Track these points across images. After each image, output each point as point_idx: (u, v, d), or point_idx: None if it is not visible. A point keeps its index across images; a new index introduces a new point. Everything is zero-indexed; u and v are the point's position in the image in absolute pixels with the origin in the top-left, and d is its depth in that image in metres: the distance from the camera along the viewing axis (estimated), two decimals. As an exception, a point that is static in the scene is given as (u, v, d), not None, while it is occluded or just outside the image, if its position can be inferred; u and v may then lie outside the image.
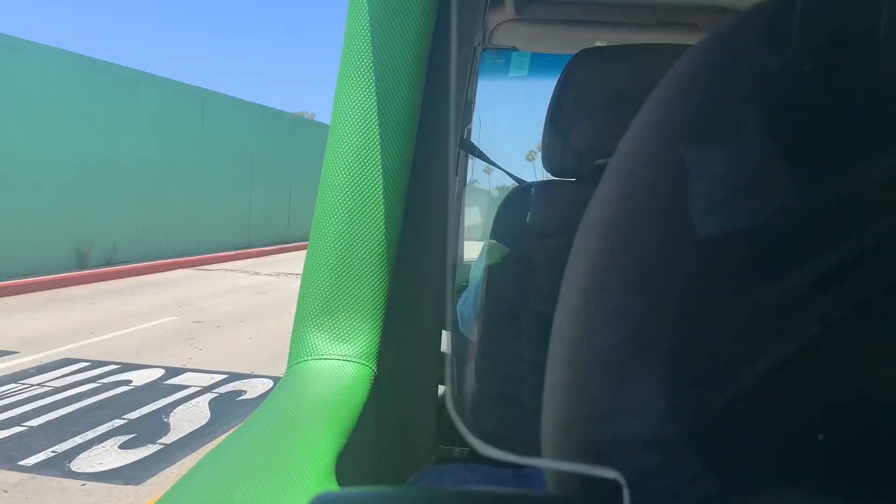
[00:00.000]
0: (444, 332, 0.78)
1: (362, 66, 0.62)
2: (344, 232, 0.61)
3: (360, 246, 0.61)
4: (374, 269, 0.61)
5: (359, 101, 0.62)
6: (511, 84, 1.78)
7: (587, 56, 1.05)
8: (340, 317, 0.60)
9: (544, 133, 1.07)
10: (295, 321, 0.62)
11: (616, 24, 1.34)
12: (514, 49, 1.58)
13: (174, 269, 10.53)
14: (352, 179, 0.61)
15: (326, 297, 0.60)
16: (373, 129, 0.62)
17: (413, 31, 0.62)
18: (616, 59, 1.06)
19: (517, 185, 1.18)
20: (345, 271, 0.60)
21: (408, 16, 0.61)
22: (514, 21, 1.37)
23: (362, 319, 0.60)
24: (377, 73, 0.61)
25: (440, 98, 0.66)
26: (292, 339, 0.61)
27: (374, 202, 0.61)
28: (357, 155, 0.62)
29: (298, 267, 3.64)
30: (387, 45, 0.62)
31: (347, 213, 0.61)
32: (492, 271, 1.05)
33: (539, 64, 1.82)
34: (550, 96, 1.04)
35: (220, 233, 13.13)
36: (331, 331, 0.60)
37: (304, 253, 0.65)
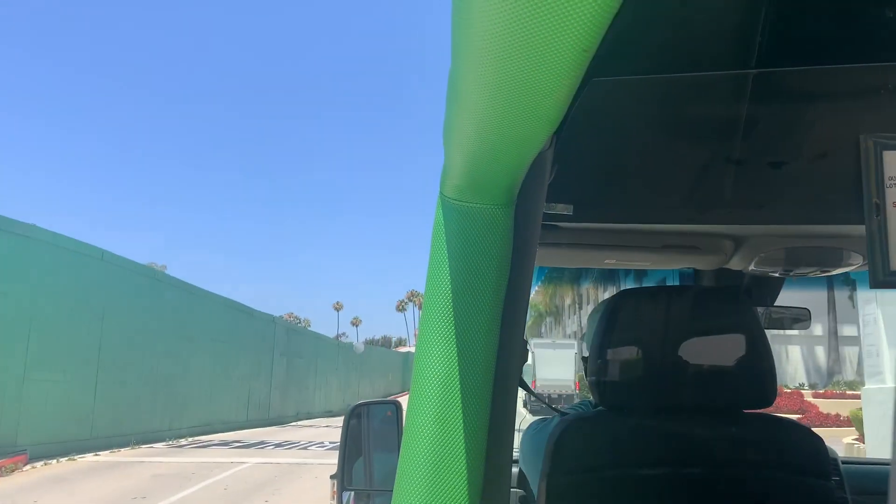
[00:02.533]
0: None
1: (444, 311, 0.70)
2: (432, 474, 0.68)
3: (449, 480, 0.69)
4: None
5: (441, 349, 0.70)
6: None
7: (625, 299, 1.35)
8: None
9: (590, 365, 1.25)
10: None
11: (624, 246, 1.45)
12: None
13: None
14: (435, 424, 0.69)
15: None
16: (454, 377, 0.69)
17: (490, 279, 0.70)
18: (651, 302, 1.33)
19: (563, 417, 1.27)
20: None
21: (488, 256, 0.70)
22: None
23: None
24: (457, 321, 0.70)
25: (505, 337, 0.73)
26: None
27: (458, 448, 0.69)
28: (441, 404, 0.69)
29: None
30: (468, 291, 0.70)
31: (433, 459, 0.69)
32: None
33: (542, 272, 2.16)
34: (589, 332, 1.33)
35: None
36: None
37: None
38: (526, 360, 0.81)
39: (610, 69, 0.91)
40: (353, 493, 1.43)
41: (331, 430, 19.74)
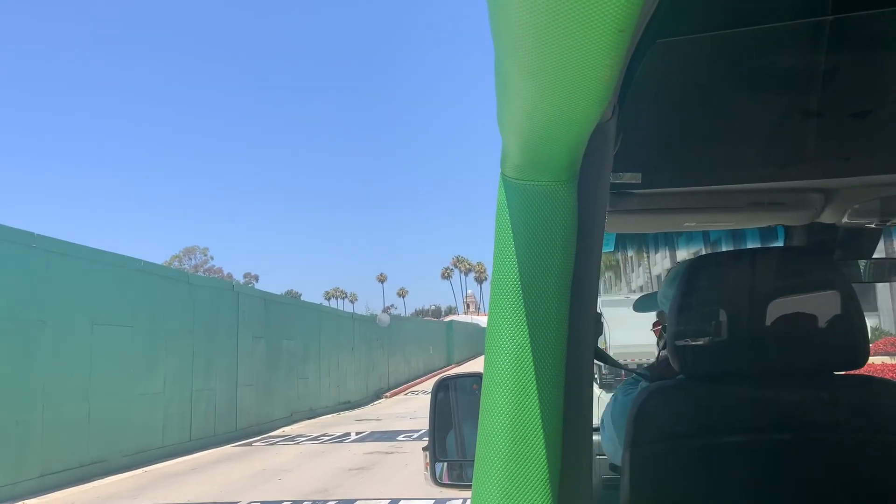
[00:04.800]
0: None
1: (512, 289, 0.69)
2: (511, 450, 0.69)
3: (529, 462, 0.69)
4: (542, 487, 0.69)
5: (512, 325, 0.69)
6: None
7: (707, 262, 1.30)
8: None
9: (670, 331, 1.20)
10: None
11: (704, 208, 1.39)
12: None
13: None
14: (511, 398, 0.69)
15: None
16: (526, 354, 0.69)
17: (557, 255, 0.69)
18: (733, 264, 1.28)
19: (646, 385, 1.26)
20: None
21: (552, 242, 0.69)
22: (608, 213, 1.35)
23: None
24: (526, 298, 0.69)
25: (576, 310, 0.72)
26: None
27: (535, 422, 0.69)
28: (514, 381, 0.69)
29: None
30: (535, 268, 0.69)
31: (512, 438, 0.69)
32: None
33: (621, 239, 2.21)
34: (668, 297, 1.26)
35: None
36: None
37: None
38: (601, 333, 0.80)
39: (675, 29, 0.87)
40: (445, 464, 1.46)
41: (341, 446, 12.89)
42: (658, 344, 2.06)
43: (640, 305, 2.60)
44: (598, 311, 0.80)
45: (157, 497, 8.46)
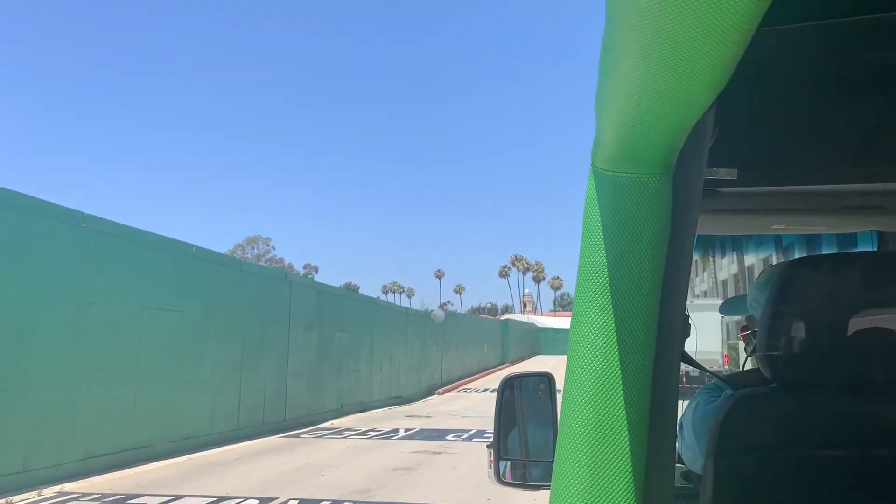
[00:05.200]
0: None
1: (600, 287, 0.68)
2: (592, 456, 0.68)
3: (610, 462, 0.67)
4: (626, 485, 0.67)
5: (598, 323, 0.68)
6: None
7: (803, 265, 1.20)
8: None
9: (760, 338, 1.11)
10: None
11: (797, 210, 1.34)
12: None
13: None
14: (595, 398, 0.68)
15: None
16: (612, 354, 0.67)
17: (648, 251, 0.67)
18: (832, 268, 1.16)
19: (733, 393, 1.16)
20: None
21: (641, 241, 0.67)
22: None
23: None
24: (614, 296, 0.67)
25: (665, 311, 0.70)
26: None
27: (619, 425, 0.67)
28: (599, 381, 0.67)
29: None
30: (624, 265, 0.67)
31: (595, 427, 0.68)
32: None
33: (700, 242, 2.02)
34: (761, 303, 1.14)
35: None
36: None
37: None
38: (689, 335, 0.77)
39: (781, 17, 0.80)
40: (509, 462, 1.44)
41: (387, 443, 12.55)
42: (745, 350, 1.96)
43: (727, 308, 2.49)
44: (687, 312, 0.76)
45: (198, 487, 8.22)
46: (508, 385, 1.50)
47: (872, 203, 1.33)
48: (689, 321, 0.84)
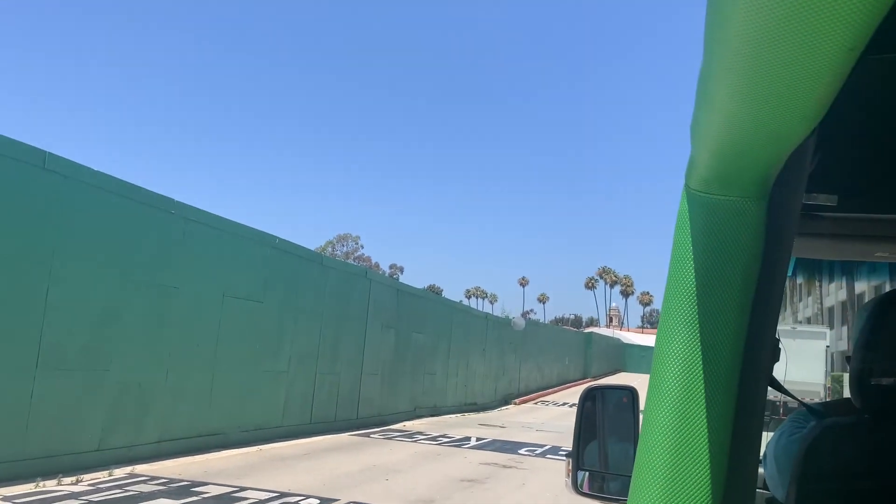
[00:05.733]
0: None
1: (687, 305, 0.68)
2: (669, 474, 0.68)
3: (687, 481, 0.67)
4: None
5: (683, 342, 0.68)
6: None
7: None
8: None
9: (853, 365, 1.11)
10: None
11: None
12: None
13: None
14: (676, 417, 0.68)
15: None
16: (696, 374, 0.67)
17: (738, 274, 0.67)
18: None
19: (820, 422, 1.14)
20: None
21: (733, 261, 0.67)
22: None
23: None
24: (702, 316, 0.67)
25: (754, 334, 0.70)
26: None
27: (699, 445, 0.67)
28: (681, 400, 0.67)
29: None
30: (713, 286, 0.67)
31: (671, 457, 0.68)
32: None
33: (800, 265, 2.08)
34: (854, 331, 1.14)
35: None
36: None
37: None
38: (778, 359, 0.78)
39: (885, 45, 0.78)
40: (587, 473, 1.44)
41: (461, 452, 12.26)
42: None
43: None
44: (777, 337, 0.77)
45: (262, 480, 8.19)
46: (590, 396, 1.50)
47: None
48: (780, 346, 0.85)
